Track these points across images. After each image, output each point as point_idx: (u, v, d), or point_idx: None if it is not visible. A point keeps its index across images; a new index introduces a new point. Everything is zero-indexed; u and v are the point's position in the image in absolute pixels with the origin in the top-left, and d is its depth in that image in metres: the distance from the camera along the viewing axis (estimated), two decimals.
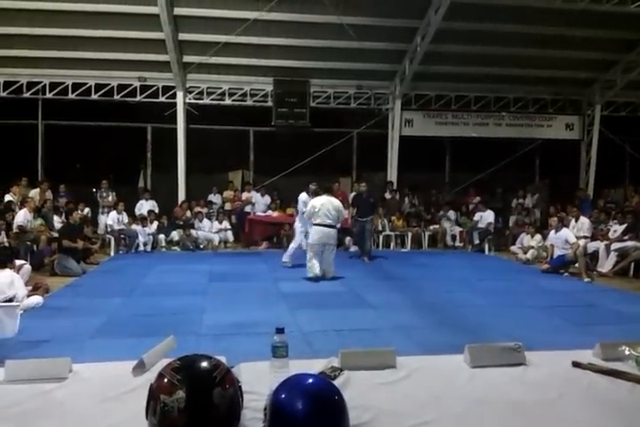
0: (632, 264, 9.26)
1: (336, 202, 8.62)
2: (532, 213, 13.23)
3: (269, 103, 13.42)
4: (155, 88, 13.11)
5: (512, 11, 11.02)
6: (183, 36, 12.00)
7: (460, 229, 12.92)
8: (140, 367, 1.95)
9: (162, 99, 13.16)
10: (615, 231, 9.90)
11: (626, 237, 9.57)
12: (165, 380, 1.38)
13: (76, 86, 12.82)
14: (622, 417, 1.70)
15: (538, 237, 10.88)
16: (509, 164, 14.28)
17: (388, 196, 13.55)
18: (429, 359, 2.24)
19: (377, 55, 12.52)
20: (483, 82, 13.51)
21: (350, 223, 11.37)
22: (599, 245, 9.71)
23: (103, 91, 12.89)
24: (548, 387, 1.93)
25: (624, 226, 9.77)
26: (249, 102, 13.49)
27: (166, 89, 13.11)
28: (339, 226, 9.12)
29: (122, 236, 11.66)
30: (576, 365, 2.12)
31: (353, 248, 11.94)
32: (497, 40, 11.87)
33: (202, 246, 12.14)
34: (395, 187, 13.64)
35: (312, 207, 8.48)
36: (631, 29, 12.02)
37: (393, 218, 12.82)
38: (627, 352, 2.14)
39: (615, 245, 9.46)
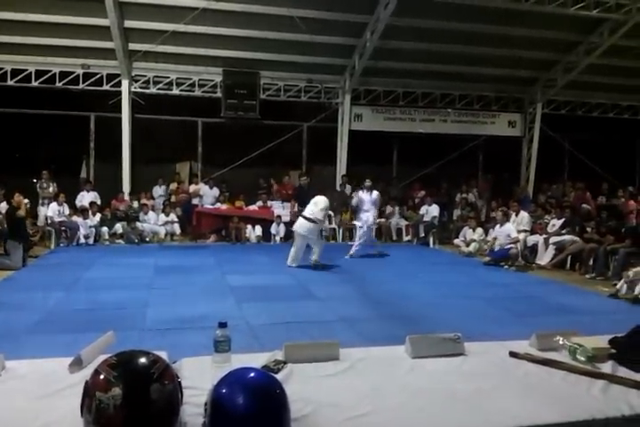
0: (569, 257, 9.65)
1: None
2: (475, 207, 13.58)
3: (218, 94, 13.23)
4: (99, 76, 12.68)
5: (459, 9, 11.22)
6: (129, 24, 11.65)
7: (406, 222, 13.14)
8: (77, 364, 1.90)
9: (106, 87, 12.75)
10: (553, 225, 10.28)
11: (563, 231, 9.96)
12: (101, 376, 1.35)
13: (15, 73, 12.26)
14: (556, 405, 1.77)
15: (479, 230, 11.21)
16: (454, 159, 14.62)
17: (337, 189, 13.62)
18: (372, 351, 2.27)
19: (327, 49, 12.54)
20: (430, 78, 13.75)
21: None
22: (538, 239, 10.08)
23: (44, 78, 12.38)
24: (486, 376, 1.99)
25: (562, 220, 10.16)
26: (197, 93, 13.25)
27: (111, 77, 12.71)
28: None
29: (63, 228, 11.29)
30: (513, 355, 2.19)
31: None
32: (444, 38, 12.07)
33: (147, 239, 11.88)
34: (347, 180, 13.69)
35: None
36: (571, 31, 12.48)
37: (341, 211, 12.91)
38: (561, 342, 2.24)
39: (553, 239, 9.83)
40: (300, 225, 8.92)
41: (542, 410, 1.73)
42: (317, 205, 8.90)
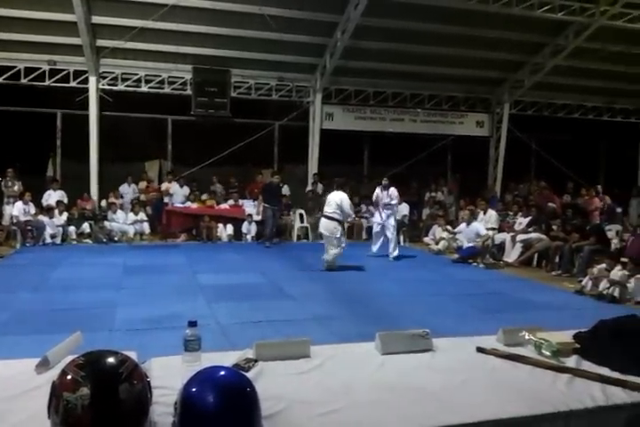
0: (536, 255, 9.86)
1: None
2: (444, 205, 13.74)
3: (188, 92, 13.09)
4: (65, 72, 12.42)
5: (429, 10, 11.33)
6: (97, 19, 11.43)
7: None
8: (44, 365, 1.87)
9: (73, 84, 12.50)
10: (520, 224, 10.49)
11: (530, 229, 10.17)
12: (68, 377, 1.33)
13: None
14: (522, 398, 1.81)
15: (448, 228, 11.35)
16: (424, 158, 14.78)
17: (309, 188, 13.64)
18: (342, 348, 2.29)
19: (298, 48, 12.53)
20: (399, 79, 13.86)
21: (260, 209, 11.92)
22: (505, 237, 10.27)
23: (9, 74, 12.07)
24: (454, 372, 2.02)
25: (529, 219, 10.38)
26: (167, 90, 13.09)
27: (78, 74, 12.46)
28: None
29: (28, 227, 11.03)
30: (480, 350, 2.23)
31: (274, 240, 11.96)
32: (413, 38, 12.19)
33: (116, 239, 11.70)
34: (318, 179, 13.71)
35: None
36: (538, 33, 12.72)
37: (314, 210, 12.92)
38: (527, 337, 2.29)
39: (520, 237, 10.03)
40: (322, 225, 8.96)
41: (509, 404, 1.77)
42: (337, 201, 8.86)
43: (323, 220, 8.97)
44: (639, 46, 12.79)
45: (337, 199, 8.86)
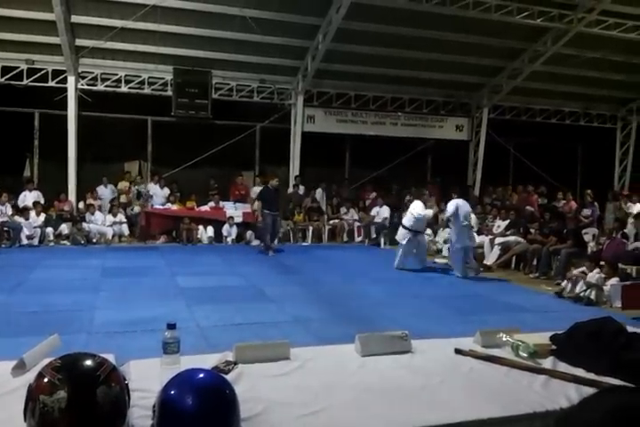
0: (514, 257, 9.98)
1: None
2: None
3: (169, 93, 13.01)
4: (44, 72, 12.25)
5: (410, 15, 11.41)
6: (76, 19, 11.31)
7: (359, 223, 13.28)
8: (20, 367, 1.85)
9: (51, 83, 12.33)
10: (499, 227, 10.61)
11: (508, 233, 10.29)
12: (45, 380, 1.32)
13: None
14: (499, 399, 1.83)
15: (428, 231, 11.41)
16: (404, 161, 14.87)
17: (290, 190, 13.63)
18: (322, 350, 2.30)
19: (280, 50, 12.52)
20: (381, 82, 13.92)
21: (257, 217, 11.08)
22: (484, 240, 10.37)
23: None
24: (432, 373, 2.04)
25: (507, 222, 10.50)
26: (147, 91, 12.99)
27: (57, 73, 12.30)
28: None
29: (5, 228, 10.87)
30: (458, 351, 2.26)
31: (255, 242, 11.92)
32: (395, 43, 12.25)
33: (94, 241, 11.57)
34: (300, 181, 13.70)
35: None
36: (516, 38, 12.88)
37: (295, 212, 12.93)
38: (504, 339, 2.32)
39: (499, 240, 10.14)
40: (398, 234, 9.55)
41: (486, 405, 1.79)
42: (411, 211, 9.41)
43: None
44: (615, 53, 13.02)
45: (411, 209, 9.46)
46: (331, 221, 13.32)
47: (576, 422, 0.69)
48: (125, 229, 12.08)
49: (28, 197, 11.71)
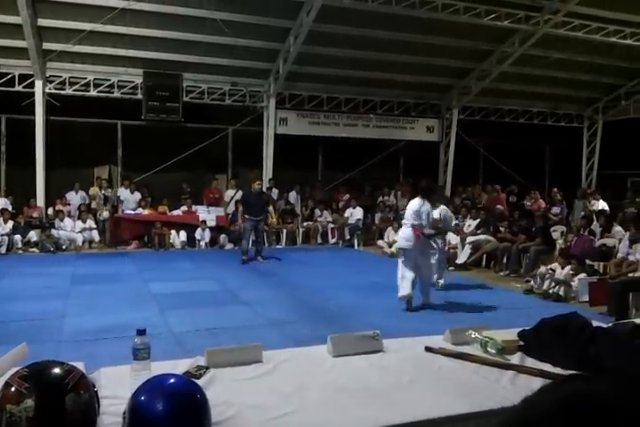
0: (484, 256, 10.13)
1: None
2: (396, 209, 13.92)
3: (139, 96, 12.86)
4: (10, 76, 11.99)
5: (380, 17, 11.50)
6: (43, 22, 11.10)
7: (333, 225, 13.31)
8: None
9: (18, 88, 12.08)
10: (469, 226, 10.74)
11: (479, 231, 10.43)
12: (12, 389, 1.30)
13: None
14: (469, 396, 1.87)
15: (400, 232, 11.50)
16: (377, 163, 14.97)
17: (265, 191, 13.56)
18: (294, 351, 2.31)
19: (251, 53, 12.49)
20: (352, 84, 13.99)
21: (240, 221, 10.84)
22: (455, 239, 10.49)
23: None
24: (403, 372, 2.07)
25: (477, 221, 10.64)
26: (116, 94, 12.81)
27: (23, 77, 12.06)
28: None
29: None
30: (428, 349, 2.29)
31: (229, 246, 11.87)
32: (366, 45, 12.33)
33: (64, 247, 11.36)
34: (273, 184, 13.67)
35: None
36: (484, 40, 13.07)
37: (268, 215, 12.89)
38: (473, 336, 2.36)
39: (469, 239, 10.26)
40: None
41: (455, 401, 1.82)
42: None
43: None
44: (581, 54, 13.29)
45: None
46: (305, 224, 13.33)
47: (530, 410, 0.71)
48: (96, 235, 11.90)
49: None
